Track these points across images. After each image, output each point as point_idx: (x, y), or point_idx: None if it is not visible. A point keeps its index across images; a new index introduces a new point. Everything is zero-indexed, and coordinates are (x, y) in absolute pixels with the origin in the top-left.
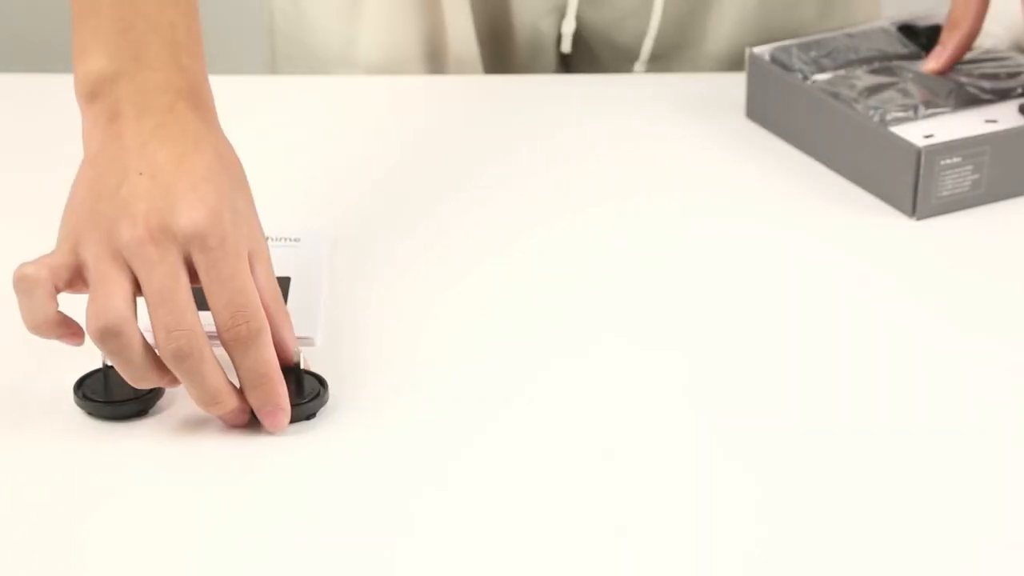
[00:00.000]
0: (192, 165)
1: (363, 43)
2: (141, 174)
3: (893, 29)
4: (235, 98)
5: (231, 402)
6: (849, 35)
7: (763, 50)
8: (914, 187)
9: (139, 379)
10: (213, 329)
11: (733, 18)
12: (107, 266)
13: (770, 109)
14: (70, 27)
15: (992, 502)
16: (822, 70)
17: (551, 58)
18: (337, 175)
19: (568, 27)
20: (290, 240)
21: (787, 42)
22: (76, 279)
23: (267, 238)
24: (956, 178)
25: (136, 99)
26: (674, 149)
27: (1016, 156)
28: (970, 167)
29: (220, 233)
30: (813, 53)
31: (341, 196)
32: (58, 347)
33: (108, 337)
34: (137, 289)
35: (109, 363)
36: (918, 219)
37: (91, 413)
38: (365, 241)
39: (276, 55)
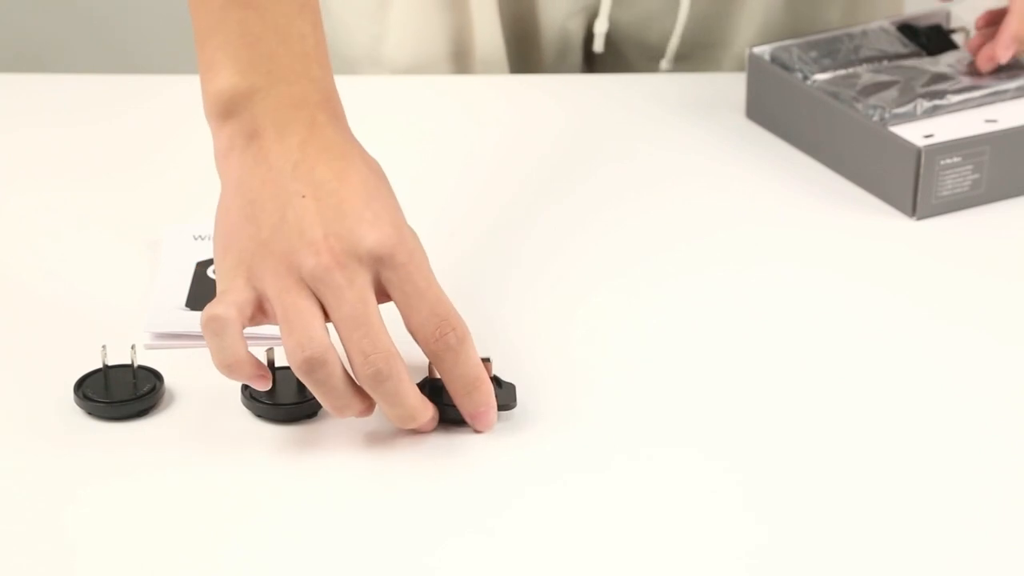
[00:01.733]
0: (352, 180)
1: (390, 42)
2: (304, 196)
3: (893, 29)
4: None
5: (426, 415)
6: (849, 35)
7: (763, 50)
8: (914, 187)
9: (342, 407)
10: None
11: (759, 18)
12: (295, 296)
13: (770, 109)
14: (70, 27)
15: (993, 501)
16: (822, 70)
17: (577, 58)
18: None
19: (601, 27)
20: None
21: (787, 42)
22: (257, 313)
23: None
24: (956, 178)
25: (275, 115)
26: (674, 149)
27: (1016, 156)
28: (970, 167)
29: (407, 248)
30: (813, 53)
31: None
32: (58, 347)
33: (314, 367)
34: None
35: (109, 363)
36: (918, 219)
37: (91, 413)
38: None
39: None
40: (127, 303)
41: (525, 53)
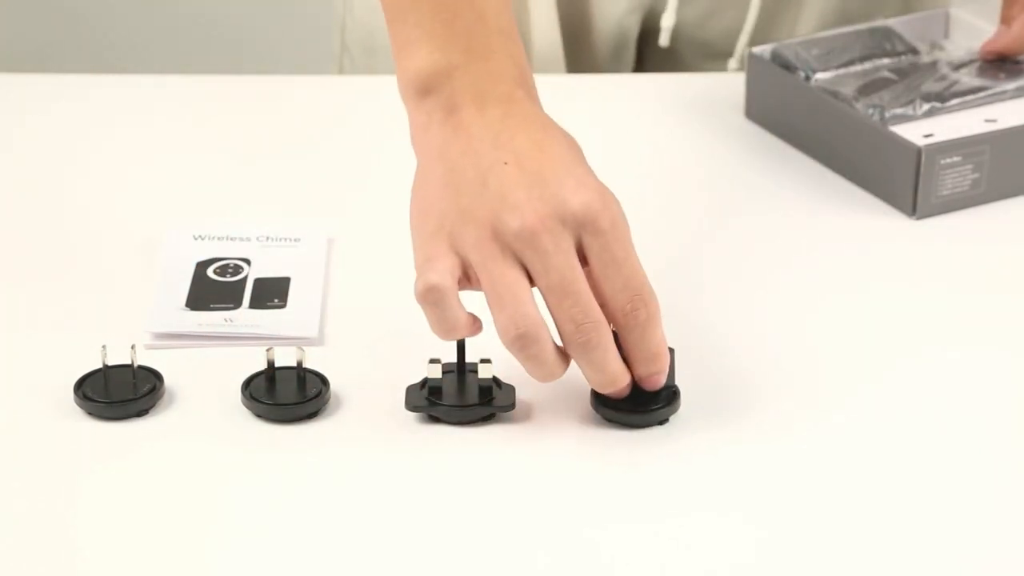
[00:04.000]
0: (554, 150)
1: None
2: (506, 163)
3: (894, 28)
4: (234, 98)
5: (626, 379)
6: (849, 33)
7: (763, 49)
8: (914, 186)
9: (548, 376)
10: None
11: (817, 13)
12: (501, 265)
13: (770, 109)
14: (71, 27)
15: (992, 499)
16: (824, 69)
17: (631, 55)
18: (337, 175)
19: (668, 21)
20: (290, 240)
21: (788, 41)
22: (463, 279)
23: (267, 238)
24: (956, 177)
25: (474, 90)
26: (674, 149)
27: (1016, 155)
28: (970, 166)
29: (611, 214)
30: (815, 52)
31: (340, 196)
32: (58, 347)
33: (527, 343)
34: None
35: (109, 363)
36: (918, 219)
37: (91, 413)
38: (365, 241)
39: (348, 45)
40: (127, 303)
41: (580, 50)
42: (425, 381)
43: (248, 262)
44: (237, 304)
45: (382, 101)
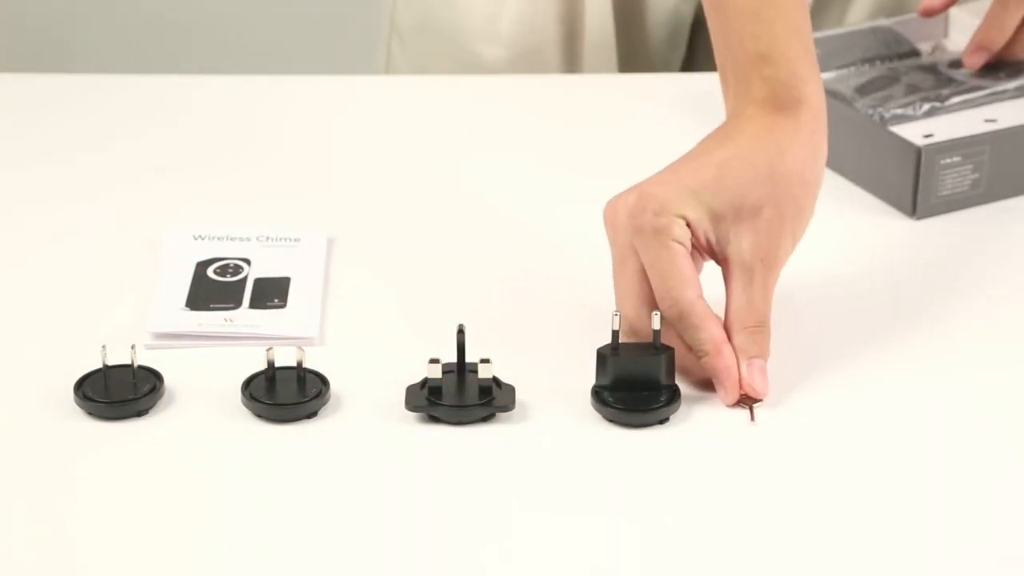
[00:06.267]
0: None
1: (505, 18)
2: None
3: (895, 28)
4: (235, 98)
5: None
6: (849, 33)
7: None
8: (914, 186)
9: None
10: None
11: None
12: None
13: None
14: (71, 27)
15: (993, 501)
16: (824, 69)
17: (683, 41)
18: (337, 175)
19: None
20: (290, 240)
21: None
22: None
23: (267, 238)
24: (956, 177)
25: None
26: (674, 149)
27: (1016, 155)
28: (970, 166)
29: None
30: (816, 52)
31: (340, 196)
32: (58, 347)
33: None
34: None
35: (109, 363)
36: (918, 219)
37: (91, 413)
38: (365, 241)
39: (398, 26)
40: (127, 303)
41: (633, 37)
42: (425, 381)
43: (248, 262)
44: (237, 304)
45: (383, 101)
